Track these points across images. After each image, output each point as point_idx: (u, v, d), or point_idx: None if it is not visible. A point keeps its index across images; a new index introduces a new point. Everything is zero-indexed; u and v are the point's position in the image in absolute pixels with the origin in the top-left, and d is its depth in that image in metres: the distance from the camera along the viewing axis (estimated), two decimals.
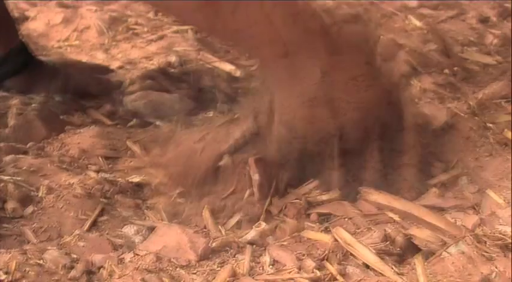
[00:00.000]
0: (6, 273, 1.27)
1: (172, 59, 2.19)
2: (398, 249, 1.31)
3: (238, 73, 2.13)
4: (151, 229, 1.41)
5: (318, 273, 1.26)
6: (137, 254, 1.33)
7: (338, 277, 1.25)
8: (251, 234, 1.38)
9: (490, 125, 1.64)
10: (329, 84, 1.38)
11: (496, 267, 1.23)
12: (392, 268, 1.26)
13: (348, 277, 1.26)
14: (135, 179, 1.58)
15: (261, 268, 1.31)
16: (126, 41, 2.41)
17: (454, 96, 1.81)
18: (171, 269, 1.30)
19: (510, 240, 1.29)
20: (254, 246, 1.36)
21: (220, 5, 1.31)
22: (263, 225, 1.39)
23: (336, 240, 1.33)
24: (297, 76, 1.38)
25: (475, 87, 1.87)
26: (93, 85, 2.02)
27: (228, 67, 2.16)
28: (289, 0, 1.36)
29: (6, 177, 1.52)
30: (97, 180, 1.54)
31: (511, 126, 1.61)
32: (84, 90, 1.99)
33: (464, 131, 1.61)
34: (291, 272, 1.27)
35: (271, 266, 1.31)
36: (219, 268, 1.30)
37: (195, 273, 1.29)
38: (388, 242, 1.32)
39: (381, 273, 1.26)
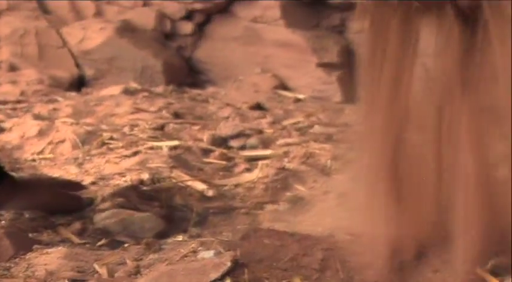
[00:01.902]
0: None
1: (145, 176, 2.20)
2: None
3: (210, 193, 2.13)
4: None
5: None
6: None
7: None
8: None
9: None
10: None
11: None
12: None
13: None
14: None
15: None
16: (100, 155, 2.41)
17: None
18: None
19: None
20: None
21: None
22: None
23: None
24: None
25: None
26: (64, 202, 2.01)
27: (200, 186, 2.16)
28: None
29: None
30: None
31: None
32: (54, 207, 1.98)
33: None
34: None
35: None
36: None
37: None
38: None
39: None
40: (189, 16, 3.66)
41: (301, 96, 3.31)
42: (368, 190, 1.59)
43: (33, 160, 2.43)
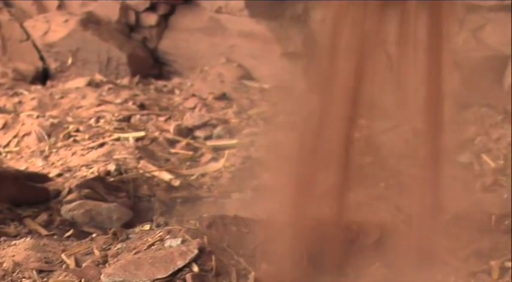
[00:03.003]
0: None
1: (112, 167, 2.20)
2: None
3: (177, 182, 2.14)
4: None
5: None
6: None
7: None
8: None
9: None
10: None
11: None
12: None
13: None
14: None
15: None
16: (66, 148, 2.41)
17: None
18: None
19: None
20: None
21: None
22: None
23: None
24: None
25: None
26: (30, 194, 2.01)
27: (166, 176, 2.17)
28: None
29: None
30: None
31: None
32: (21, 199, 1.98)
33: None
34: None
35: None
36: None
37: None
38: None
39: None
40: (153, 7, 3.65)
41: (266, 85, 3.32)
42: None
43: None
